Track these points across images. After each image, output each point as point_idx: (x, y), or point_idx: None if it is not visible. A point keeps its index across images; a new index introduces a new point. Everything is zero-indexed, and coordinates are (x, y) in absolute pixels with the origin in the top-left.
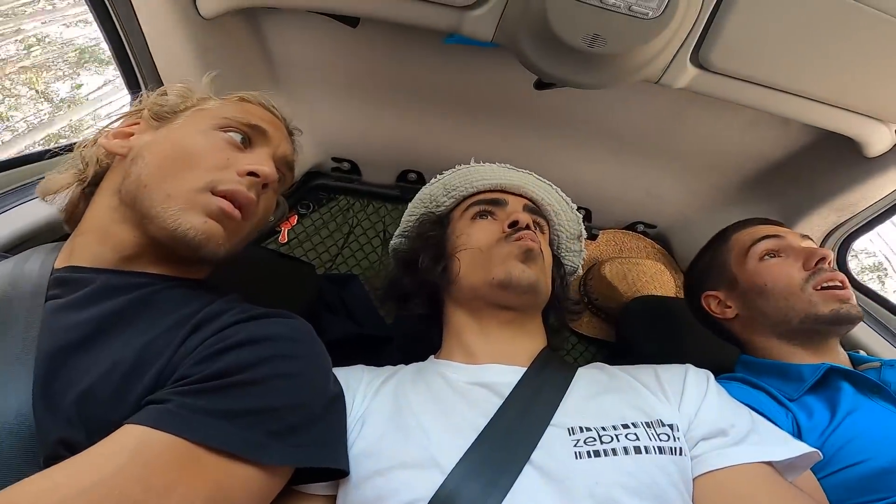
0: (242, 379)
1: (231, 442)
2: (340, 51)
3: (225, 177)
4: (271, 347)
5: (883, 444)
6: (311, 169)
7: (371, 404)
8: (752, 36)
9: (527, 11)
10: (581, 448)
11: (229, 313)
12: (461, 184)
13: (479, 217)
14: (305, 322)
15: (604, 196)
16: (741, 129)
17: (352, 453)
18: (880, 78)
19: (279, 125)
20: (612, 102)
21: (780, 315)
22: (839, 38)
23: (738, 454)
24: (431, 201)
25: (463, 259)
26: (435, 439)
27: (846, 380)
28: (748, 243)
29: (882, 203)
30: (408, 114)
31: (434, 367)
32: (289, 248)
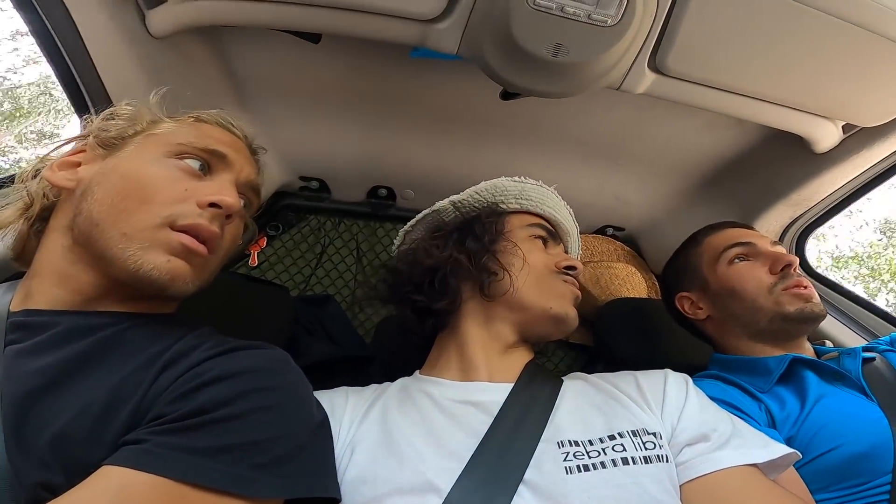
0: (222, 415)
1: (217, 479)
2: (304, 67)
3: (184, 210)
4: (248, 381)
5: (854, 428)
6: (278, 189)
7: (360, 430)
8: (704, 40)
9: (490, 23)
10: (571, 462)
11: (201, 349)
12: (535, 198)
13: (536, 239)
14: (281, 351)
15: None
16: (699, 131)
17: (344, 481)
18: (825, 77)
19: (240, 146)
20: (577, 110)
21: (749, 316)
22: (786, 40)
23: (724, 458)
24: (502, 194)
25: (521, 269)
26: (429, 463)
27: (810, 369)
28: (719, 248)
29: (833, 196)
30: (375, 129)
31: (420, 384)
32: (260, 271)
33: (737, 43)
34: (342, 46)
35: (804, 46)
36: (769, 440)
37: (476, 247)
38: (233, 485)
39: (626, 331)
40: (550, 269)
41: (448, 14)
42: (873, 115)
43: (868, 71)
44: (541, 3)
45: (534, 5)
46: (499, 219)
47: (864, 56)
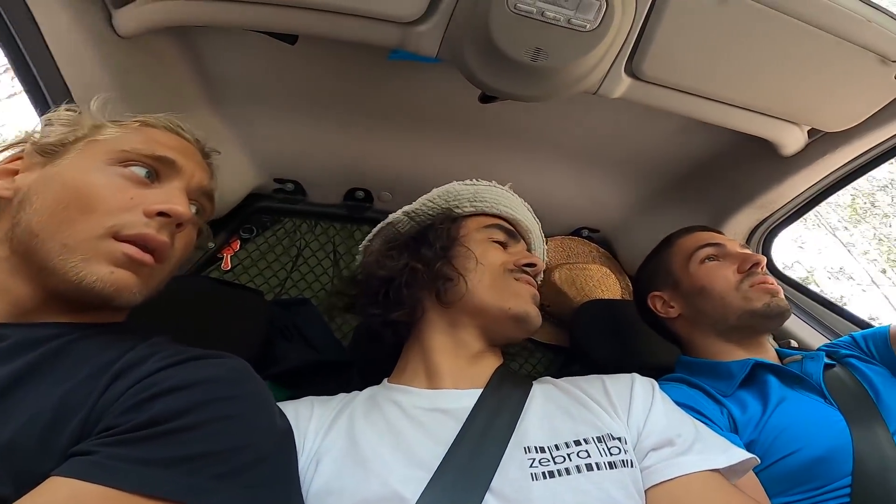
0: (177, 426)
1: (173, 490)
2: (280, 69)
3: (129, 220)
4: (206, 391)
5: (814, 432)
6: (252, 191)
7: (325, 441)
8: (679, 46)
9: (471, 27)
10: (536, 469)
11: (155, 358)
12: (490, 199)
13: (494, 241)
14: (241, 360)
15: (550, 204)
16: (672, 135)
17: (310, 493)
18: (793, 83)
19: (191, 151)
20: (554, 113)
21: (718, 314)
22: (756, 46)
23: (686, 464)
24: (455, 199)
25: (475, 276)
26: (396, 473)
27: (772, 373)
28: (691, 249)
29: (798, 199)
30: (352, 131)
31: (388, 393)
32: (233, 275)
33: (709, 49)
34: (319, 47)
35: (774, 52)
36: (729, 445)
37: (430, 254)
38: (191, 496)
39: (600, 332)
40: (507, 269)
41: (428, 17)
42: (837, 120)
43: (834, 76)
44: (521, 8)
45: (514, 10)
46: (453, 224)
47: (831, 61)
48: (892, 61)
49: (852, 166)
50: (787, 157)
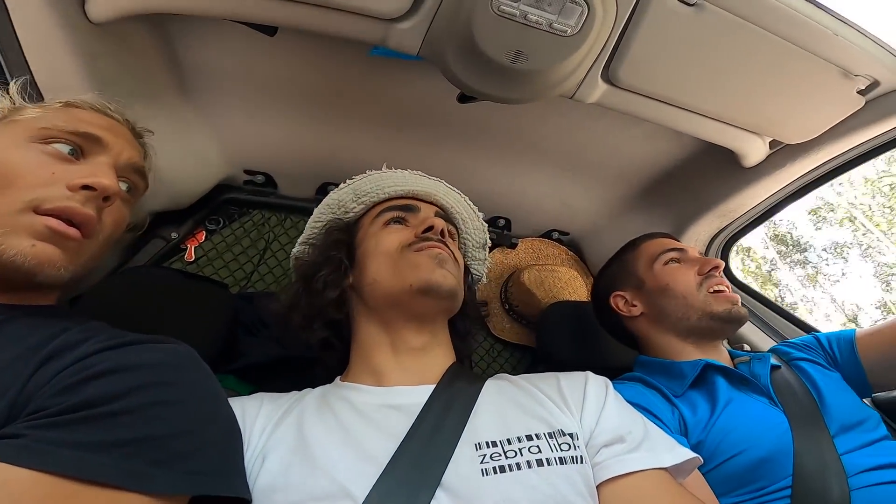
0: (113, 409)
1: (108, 473)
2: (256, 60)
3: (51, 193)
4: (145, 375)
5: (757, 433)
6: (221, 182)
7: (272, 437)
8: (655, 55)
9: (453, 26)
10: (487, 464)
11: (91, 341)
12: (372, 189)
13: (391, 223)
14: (186, 346)
15: (522, 206)
16: (641, 142)
17: (255, 489)
18: (759, 95)
19: (120, 129)
20: (530, 116)
21: (679, 312)
22: (728, 57)
23: (635, 461)
24: (340, 207)
25: (374, 266)
26: (344, 469)
27: (721, 374)
28: (656, 252)
29: (757, 209)
30: (328, 125)
31: (340, 390)
32: (196, 267)
33: (683, 59)
34: (299, 40)
35: (743, 64)
36: (676, 444)
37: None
38: (128, 480)
39: (565, 333)
40: (403, 245)
41: (412, 14)
42: (798, 132)
43: (798, 89)
44: (505, 10)
45: (498, 11)
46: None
47: (797, 74)
48: (855, 75)
49: (810, 178)
50: (748, 168)
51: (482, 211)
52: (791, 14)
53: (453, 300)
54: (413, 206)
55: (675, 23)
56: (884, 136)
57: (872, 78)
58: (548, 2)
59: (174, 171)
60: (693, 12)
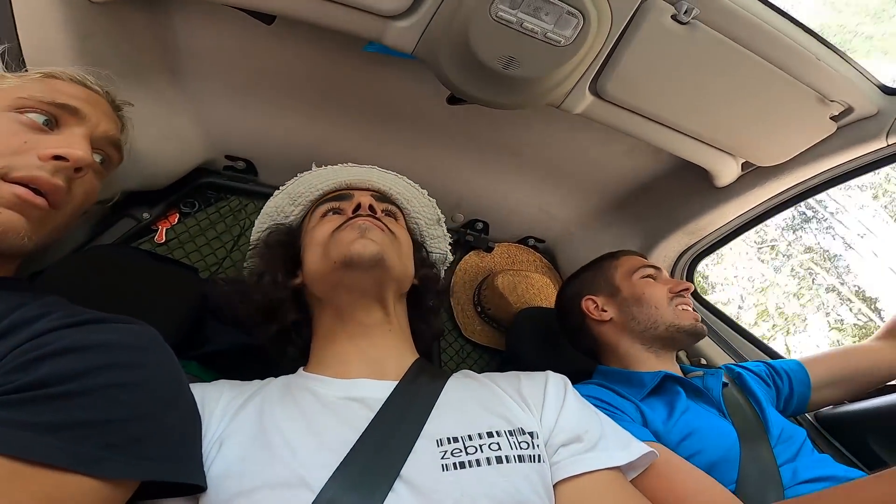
0: (68, 389)
1: (56, 456)
2: (249, 47)
3: (20, 162)
4: (104, 355)
5: (710, 439)
6: (200, 166)
7: (231, 424)
8: (643, 70)
9: (450, 28)
10: (448, 460)
11: (48, 318)
12: (306, 190)
13: (328, 214)
14: (148, 327)
15: (501, 210)
16: (621, 156)
17: (210, 475)
18: (737, 116)
19: (98, 101)
20: (516, 123)
21: (649, 322)
22: (712, 78)
23: (590, 461)
24: (279, 213)
25: (310, 256)
26: (303, 457)
27: (678, 385)
28: (636, 265)
29: (724, 228)
30: (314, 116)
31: (303, 381)
32: (167, 249)
33: (670, 76)
34: (294, 31)
35: (727, 84)
36: (630, 441)
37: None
38: (76, 463)
39: (534, 338)
40: (335, 227)
41: (410, 13)
42: (770, 155)
43: (776, 112)
44: (502, 16)
45: (495, 17)
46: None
47: (776, 97)
48: (831, 101)
49: (778, 200)
50: (720, 188)
51: (461, 212)
52: (779, 37)
53: (380, 268)
54: (346, 195)
55: (667, 40)
56: (851, 163)
57: (847, 104)
58: (545, 11)
59: (152, 152)
60: (685, 31)
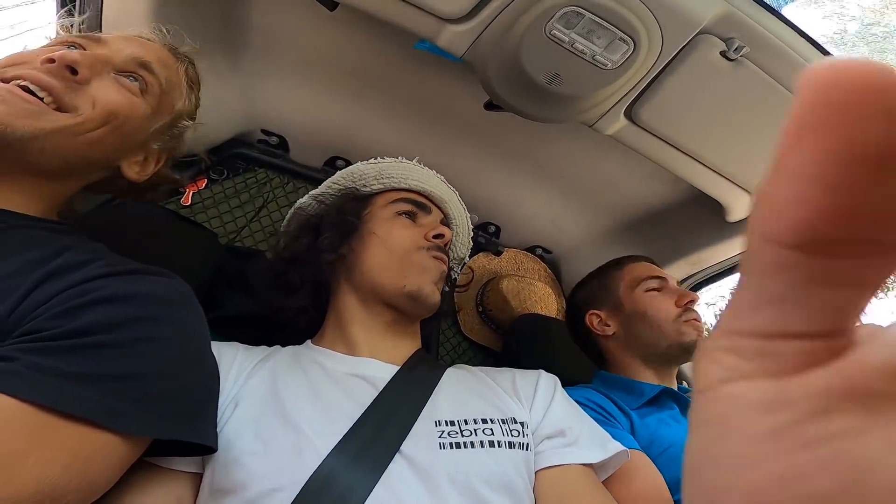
0: (106, 340)
1: (90, 409)
2: (308, 29)
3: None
4: (143, 307)
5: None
6: (235, 136)
7: (245, 386)
8: (680, 101)
9: (503, 39)
10: (444, 440)
11: (95, 264)
12: (397, 175)
13: (402, 215)
14: (185, 284)
15: (515, 217)
16: (640, 180)
17: (223, 433)
18: (763, 156)
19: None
20: (545, 136)
21: (652, 339)
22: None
23: (568, 455)
24: (360, 178)
25: (377, 253)
26: (311, 425)
27: (674, 401)
28: (640, 277)
29: (724, 263)
30: (354, 103)
31: (311, 353)
32: (190, 211)
33: (706, 110)
34: (353, 19)
35: (760, 124)
36: (607, 441)
37: (331, 234)
38: (106, 418)
39: (530, 344)
40: (417, 246)
41: (468, 19)
42: None
43: None
44: (556, 35)
45: (549, 34)
46: (359, 203)
47: None
48: None
49: None
50: (730, 223)
51: (476, 214)
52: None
53: (430, 313)
54: (427, 207)
55: (710, 75)
56: None
57: None
58: (598, 34)
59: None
60: (731, 67)
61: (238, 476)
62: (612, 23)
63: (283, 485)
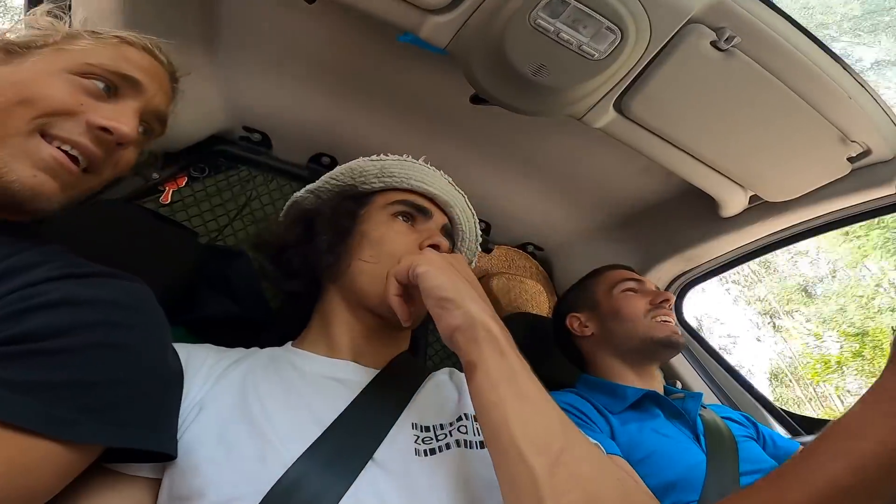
0: (54, 346)
1: (28, 418)
2: (288, 23)
3: (68, 124)
4: (96, 312)
5: (673, 460)
6: (216, 133)
7: (213, 389)
8: (670, 94)
9: (486, 29)
10: (420, 446)
11: (45, 267)
12: (399, 174)
13: (399, 217)
14: (145, 286)
15: (505, 214)
16: (632, 175)
17: (185, 438)
18: (757, 147)
19: (160, 74)
20: (534, 130)
21: (625, 335)
22: (737, 107)
23: None
24: (360, 175)
25: (365, 256)
26: (281, 430)
27: (658, 405)
28: (616, 280)
29: (720, 259)
30: (337, 98)
31: (289, 355)
32: (170, 210)
33: (697, 102)
34: (333, 12)
35: (752, 116)
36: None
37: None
38: (50, 426)
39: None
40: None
41: (450, 9)
42: (780, 191)
43: (793, 148)
44: (540, 24)
45: (533, 24)
46: (355, 202)
47: (799, 131)
48: (852, 141)
49: (777, 237)
50: (724, 218)
51: None
52: (815, 71)
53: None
54: (428, 211)
55: (701, 66)
56: (857, 208)
57: (866, 146)
58: (584, 24)
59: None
60: (721, 58)
61: (195, 483)
62: (598, 11)
63: (244, 494)
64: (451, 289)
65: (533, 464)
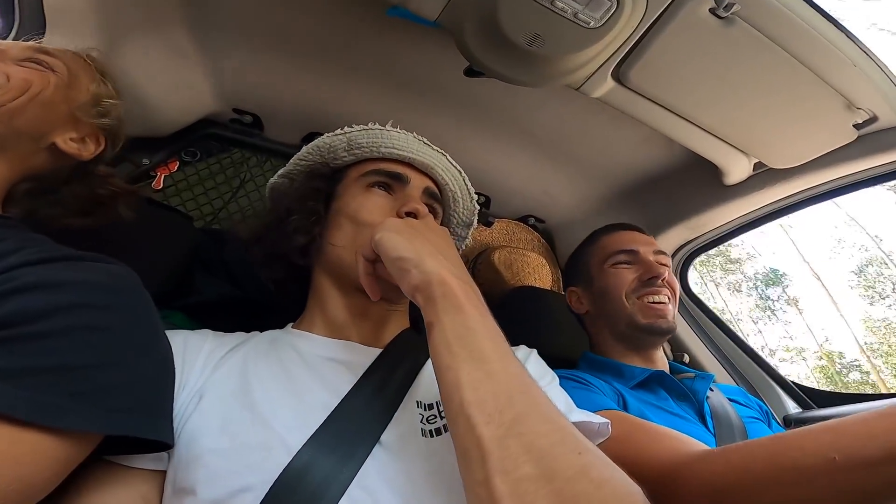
0: (34, 331)
1: (13, 406)
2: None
3: None
4: (75, 294)
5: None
6: (206, 116)
7: (212, 376)
8: (669, 61)
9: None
10: (425, 426)
11: (21, 253)
12: (368, 144)
13: (375, 187)
14: (127, 268)
15: (504, 187)
16: (634, 145)
17: (186, 428)
18: (759, 115)
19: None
20: (531, 101)
21: (614, 316)
22: (738, 74)
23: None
24: (329, 152)
25: (343, 232)
26: (283, 417)
27: (664, 386)
28: (609, 251)
29: (725, 227)
30: (328, 76)
31: (289, 337)
32: (163, 196)
33: (697, 70)
34: None
35: (754, 83)
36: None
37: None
38: (38, 414)
39: (523, 317)
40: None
41: None
42: (785, 158)
43: (799, 113)
44: None
45: None
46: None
47: (803, 97)
48: (858, 108)
49: (783, 203)
50: (728, 186)
51: None
52: (817, 38)
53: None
54: (403, 177)
55: (700, 33)
56: (864, 174)
57: (872, 113)
58: None
59: (160, 99)
60: (721, 25)
61: (201, 475)
62: None
63: (251, 484)
64: (406, 248)
65: (482, 433)
